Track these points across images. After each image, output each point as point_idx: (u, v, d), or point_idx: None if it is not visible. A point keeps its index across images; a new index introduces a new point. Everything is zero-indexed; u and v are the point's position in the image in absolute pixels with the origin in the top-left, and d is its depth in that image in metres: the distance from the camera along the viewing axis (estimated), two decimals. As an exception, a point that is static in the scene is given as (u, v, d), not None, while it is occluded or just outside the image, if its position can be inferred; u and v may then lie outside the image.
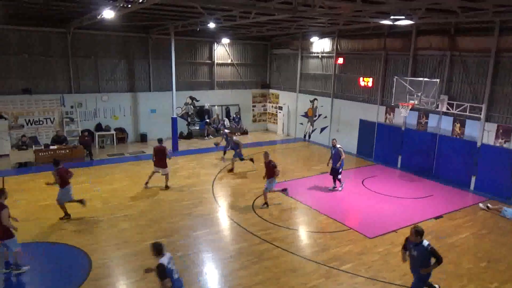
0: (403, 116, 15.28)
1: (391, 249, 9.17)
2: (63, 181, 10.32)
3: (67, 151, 16.19)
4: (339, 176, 13.16)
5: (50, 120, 17.99)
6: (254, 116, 24.71)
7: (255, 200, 12.14)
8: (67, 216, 10.55)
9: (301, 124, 22.11)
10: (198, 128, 22.09)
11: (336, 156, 12.92)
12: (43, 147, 16.10)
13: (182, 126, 21.42)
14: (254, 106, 24.61)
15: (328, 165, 13.55)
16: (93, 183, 13.43)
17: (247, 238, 9.60)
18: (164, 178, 13.11)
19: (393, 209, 11.78)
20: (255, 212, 11.20)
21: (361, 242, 9.55)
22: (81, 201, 10.63)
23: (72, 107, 18.44)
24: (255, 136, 22.98)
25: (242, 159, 15.64)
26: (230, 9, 11.97)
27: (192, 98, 21.89)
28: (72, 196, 10.55)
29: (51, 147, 16.05)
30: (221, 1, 10.89)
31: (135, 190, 12.95)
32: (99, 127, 19.19)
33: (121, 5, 11.33)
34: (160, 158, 12.97)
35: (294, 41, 21.91)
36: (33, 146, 16.16)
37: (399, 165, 16.33)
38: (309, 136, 21.65)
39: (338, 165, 12.87)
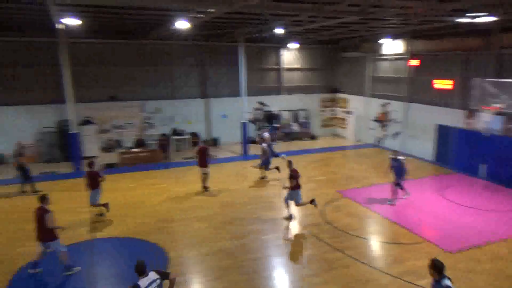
0: (487, 121, 14.14)
1: (474, 266, 8.54)
2: (93, 183, 11.01)
3: (147, 153, 17.41)
4: (401, 184, 12.37)
5: (132, 125, 19.51)
6: (323, 121, 24.46)
7: (325, 206, 12.03)
8: (101, 215, 11.33)
9: (372, 129, 21.43)
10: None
11: (398, 169, 12.05)
12: (126, 149, 17.48)
13: (252, 131, 21.91)
14: (322, 111, 24.37)
15: (389, 175, 12.57)
16: (169, 185, 14.27)
17: (317, 245, 9.56)
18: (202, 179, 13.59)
19: (477, 222, 10.90)
20: (325, 219, 11.11)
21: (440, 256, 9.01)
22: (105, 205, 11.32)
23: (151, 112, 19.81)
24: (324, 141, 22.74)
25: (261, 166, 15.18)
26: (297, 14, 12.05)
27: (261, 103, 22.29)
28: (98, 200, 11.18)
29: (133, 150, 17.36)
30: (288, 7, 11.02)
31: (207, 192, 13.51)
32: (175, 132, 20.35)
33: (194, 15, 11.98)
34: (201, 158, 13.41)
35: (364, 44, 21.36)
36: (118, 148, 17.63)
37: (482, 174, 15.09)
38: (381, 142, 20.92)
39: (402, 179, 12.08)
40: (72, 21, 12.56)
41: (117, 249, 9.47)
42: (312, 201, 11.07)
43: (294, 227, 10.83)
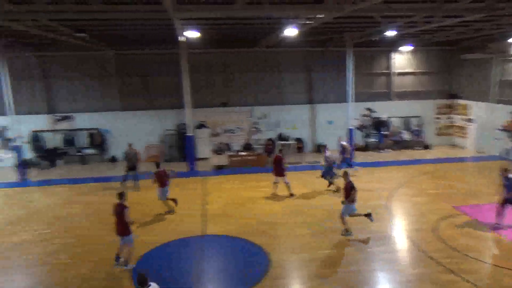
0: None
1: None
2: (161, 182, 11.99)
3: (254, 157, 18.15)
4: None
5: (241, 129, 20.57)
6: (438, 129, 22.52)
7: (438, 222, 11.07)
8: (171, 211, 12.27)
9: (498, 139, 18.97)
10: (374, 140, 21.52)
11: (510, 188, 10.23)
12: (235, 152, 18.50)
13: (358, 138, 21.24)
14: (438, 118, 22.44)
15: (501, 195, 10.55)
16: (271, 188, 14.63)
17: (428, 264, 8.84)
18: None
19: None
20: (438, 236, 10.21)
21: None
22: (174, 200, 12.36)
23: (259, 118, 20.63)
24: (440, 151, 20.93)
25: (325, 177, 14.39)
26: (411, 15, 11.35)
27: (369, 110, 21.49)
28: (167, 196, 12.25)
29: (241, 153, 18.28)
30: (401, 8, 10.44)
31: (310, 198, 13.52)
32: (280, 137, 20.84)
33: (303, 22, 12.14)
34: (276, 167, 13.50)
35: (489, 44, 19.06)
36: (228, 151, 18.76)
37: None
38: (510, 154, 18.38)
39: None
40: (192, 34, 13.84)
41: (222, 247, 10.05)
42: (367, 215, 10.50)
43: (402, 242, 10.19)
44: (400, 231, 10.90)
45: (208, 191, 14.60)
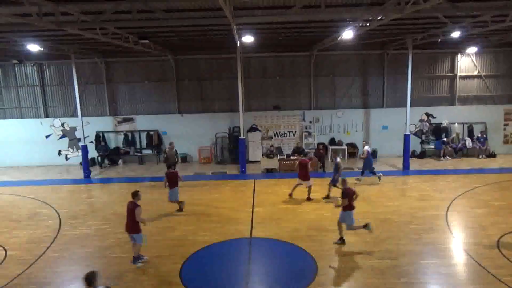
0: None
1: None
2: (171, 183, 12.52)
3: (304, 162, 18.02)
4: None
5: (293, 133, 20.56)
6: (505, 136, 20.90)
7: (501, 237, 10.27)
8: (181, 210, 12.77)
9: None
10: (433, 147, 20.45)
11: None
12: (285, 156, 18.50)
13: (415, 144, 20.31)
14: (506, 125, 20.83)
15: None
16: (322, 194, 14.43)
17: (489, 281, 8.23)
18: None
19: None
20: (501, 252, 9.48)
21: None
22: (180, 203, 12.82)
23: (310, 122, 20.48)
24: (507, 160, 19.40)
25: (335, 185, 13.77)
26: (479, 14, 10.66)
27: (427, 115, 20.48)
28: (178, 197, 12.77)
29: (292, 157, 18.23)
30: (469, 7, 9.85)
31: (362, 205, 13.14)
32: (332, 142, 20.50)
33: (360, 24, 11.87)
34: (302, 170, 13.54)
35: None
36: (278, 155, 18.81)
37: None
38: None
39: None
40: (248, 39, 14.12)
41: (270, 251, 10.09)
42: (365, 226, 10.03)
43: (460, 256, 9.59)
44: (458, 244, 10.25)
45: (257, 194, 14.74)
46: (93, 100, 20.75)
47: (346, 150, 20.30)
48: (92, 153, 20.03)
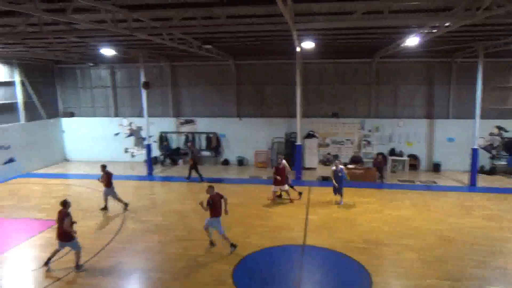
0: None
1: None
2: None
3: (362, 171, 17.53)
4: None
5: (351, 141, 20.08)
6: None
7: None
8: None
9: None
10: (504, 163, 18.89)
11: None
12: (343, 165, 18.09)
13: (484, 159, 18.89)
14: None
15: None
16: (380, 205, 13.94)
17: None
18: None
19: None
20: None
21: None
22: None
23: (370, 130, 19.88)
24: None
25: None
26: None
27: (499, 128, 18.97)
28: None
29: (349, 166, 17.82)
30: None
31: (421, 220, 12.50)
32: (392, 152, 19.73)
33: (426, 31, 11.34)
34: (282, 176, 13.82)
35: None
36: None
37: None
38: None
39: None
40: (308, 45, 14.08)
41: (322, 260, 9.95)
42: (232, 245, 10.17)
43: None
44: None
45: (311, 201, 14.59)
46: (158, 102, 21.84)
47: (407, 161, 19.41)
48: (155, 152, 21.07)
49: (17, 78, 19.72)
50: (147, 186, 17.40)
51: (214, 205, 10.03)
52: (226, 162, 21.32)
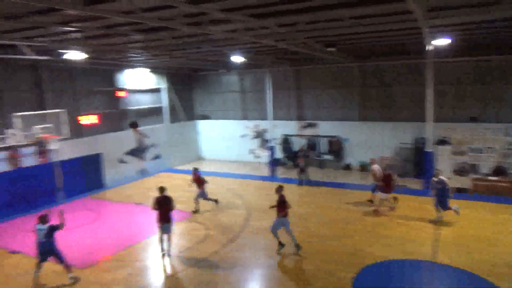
0: None
1: None
2: (199, 183, 14.04)
3: (507, 184, 15.20)
4: None
5: (492, 149, 17.52)
6: None
7: None
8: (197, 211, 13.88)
9: None
10: None
11: None
12: (481, 176, 16.00)
13: None
14: None
15: None
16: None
17: None
18: None
19: None
20: None
21: None
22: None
23: (517, 138, 17.07)
24: None
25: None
26: None
27: None
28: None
29: (490, 177, 15.64)
30: None
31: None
32: (549, 163, 16.60)
33: None
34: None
35: None
36: (472, 173, 16.40)
37: None
38: None
39: None
40: (442, 42, 12.86)
41: (457, 282, 8.93)
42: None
43: None
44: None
45: (443, 214, 13.23)
46: (282, 105, 22.54)
47: None
48: (279, 154, 21.79)
49: (163, 85, 22.65)
50: (268, 187, 18.05)
51: (283, 205, 10.38)
52: (347, 167, 20.82)
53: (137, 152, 20.72)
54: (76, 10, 6.75)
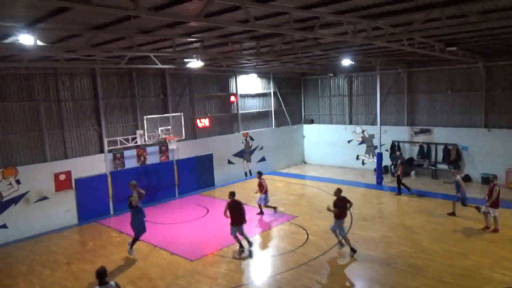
0: None
1: None
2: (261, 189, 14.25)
3: None
4: None
5: None
6: None
7: None
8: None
9: None
10: None
11: None
12: None
13: None
14: None
15: None
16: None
17: None
18: None
19: None
20: None
21: None
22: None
23: None
24: None
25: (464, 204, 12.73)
26: None
27: None
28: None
29: None
30: None
31: None
32: None
33: None
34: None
35: None
36: None
37: None
38: None
39: None
40: None
41: None
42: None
43: None
44: None
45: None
46: (392, 110, 21.35)
47: None
48: (386, 161, 20.66)
49: (271, 90, 23.31)
50: (374, 195, 17.26)
51: (341, 208, 10.64)
52: (467, 178, 18.69)
53: (245, 154, 21.68)
54: (198, 22, 7.37)
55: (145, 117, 16.17)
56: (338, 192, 10.93)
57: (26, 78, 13.88)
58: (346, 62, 16.54)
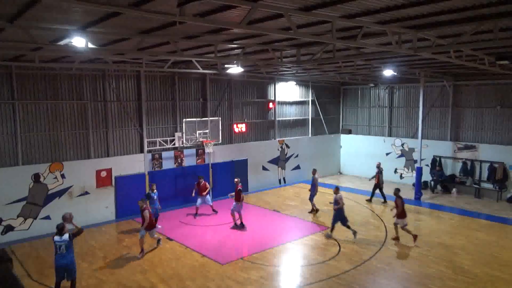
0: None
1: None
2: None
3: None
4: None
5: None
6: None
7: None
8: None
9: None
10: None
11: None
12: None
13: None
14: None
15: None
16: None
17: None
18: None
19: None
20: None
21: None
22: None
23: None
24: None
25: None
26: None
27: None
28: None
29: None
30: None
31: None
32: None
33: None
34: None
35: None
36: None
37: None
38: None
39: None
40: None
41: None
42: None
43: None
44: None
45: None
46: (435, 124, 20.59)
47: None
48: (426, 176, 19.89)
49: (309, 98, 23.17)
50: (412, 211, 16.60)
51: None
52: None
53: (280, 161, 21.62)
54: (241, 28, 7.48)
55: (184, 120, 16.61)
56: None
57: (76, 78, 14.64)
58: (388, 72, 16.16)
